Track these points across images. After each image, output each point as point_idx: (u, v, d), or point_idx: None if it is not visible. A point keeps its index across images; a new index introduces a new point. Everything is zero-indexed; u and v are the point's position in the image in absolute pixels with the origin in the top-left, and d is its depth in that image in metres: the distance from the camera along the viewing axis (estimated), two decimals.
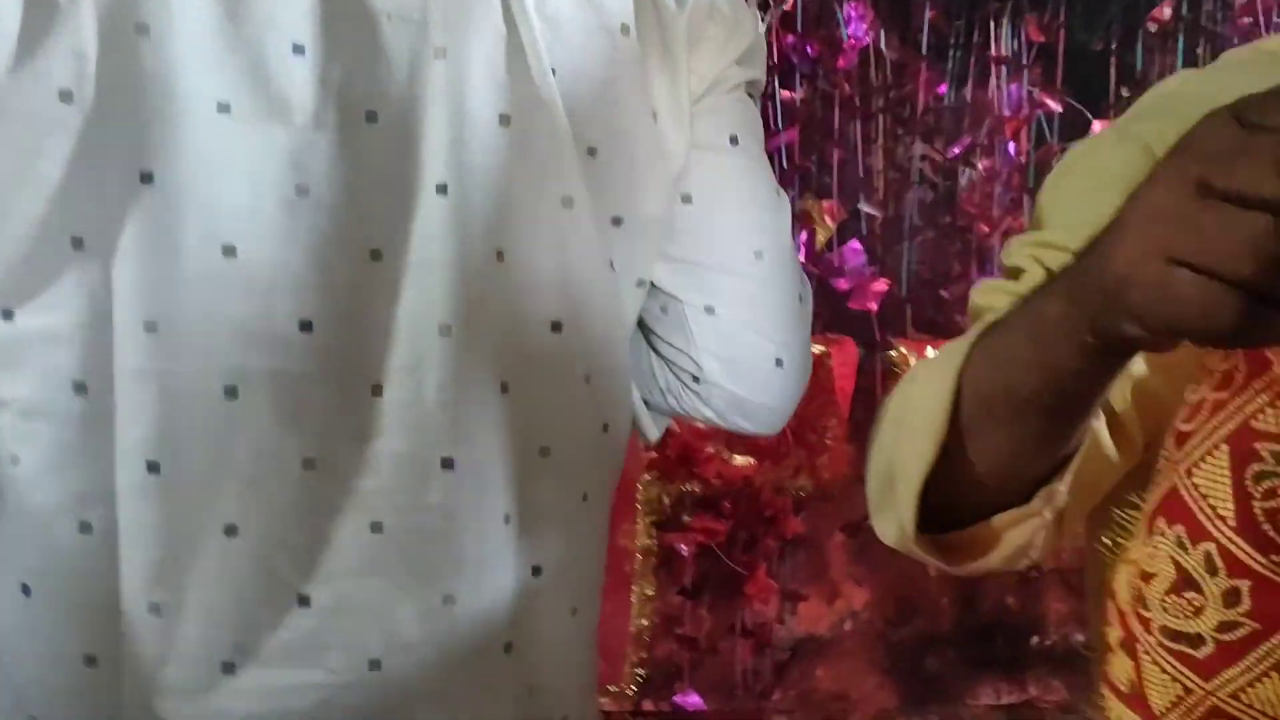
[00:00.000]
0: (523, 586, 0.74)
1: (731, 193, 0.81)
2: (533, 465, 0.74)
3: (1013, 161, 1.77)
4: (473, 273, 0.71)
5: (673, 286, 0.80)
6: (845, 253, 1.71)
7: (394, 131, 0.69)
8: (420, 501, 0.71)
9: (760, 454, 1.56)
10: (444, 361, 0.71)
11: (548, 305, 0.74)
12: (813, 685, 2.01)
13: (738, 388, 0.80)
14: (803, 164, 1.68)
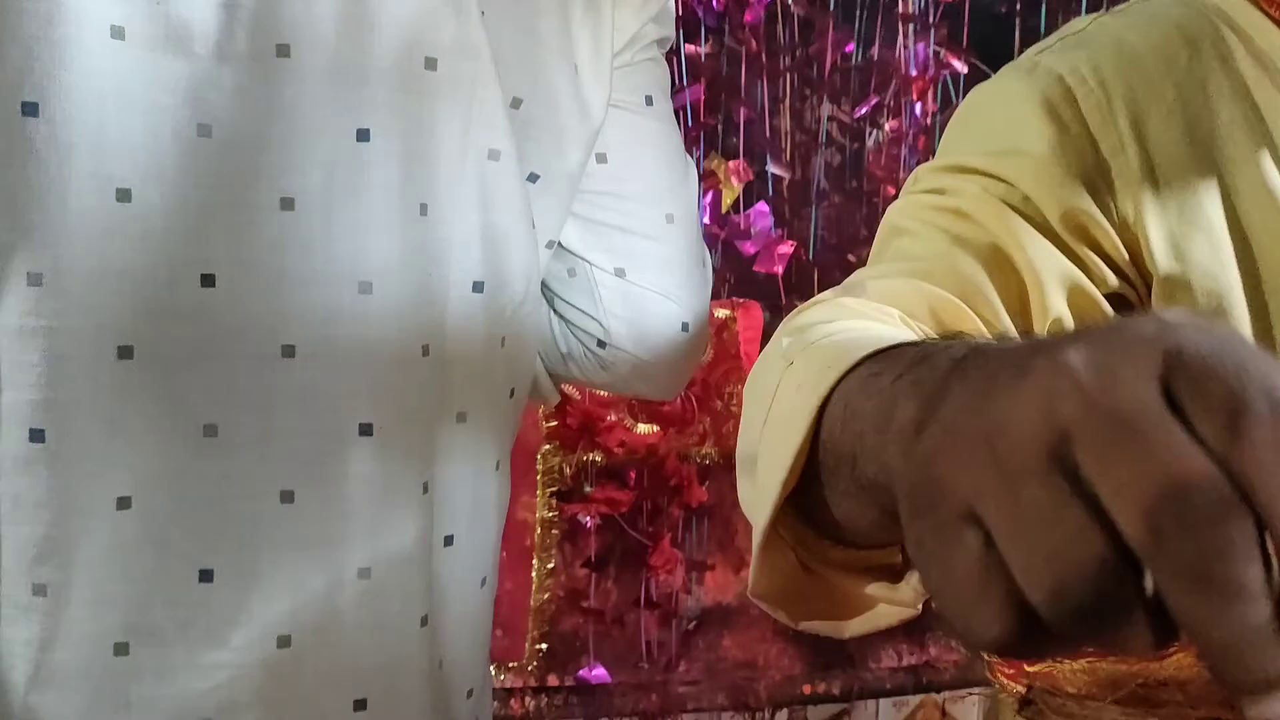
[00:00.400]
0: (438, 557, 0.71)
1: (647, 155, 0.79)
2: (450, 431, 0.71)
3: (919, 123, 1.75)
4: (393, 226, 0.66)
5: (583, 248, 0.78)
6: (753, 215, 1.67)
7: (309, 68, 0.63)
8: (335, 470, 0.66)
9: (664, 422, 1.52)
10: (360, 321, 0.66)
11: (470, 263, 0.70)
12: (719, 655, 2.00)
13: (643, 352, 0.79)
14: (708, 122, 1.63)
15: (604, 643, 1.80)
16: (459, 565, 0.73)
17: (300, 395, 0.65)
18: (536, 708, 1.63)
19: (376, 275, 0.66)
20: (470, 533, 0.74)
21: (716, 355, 1.54)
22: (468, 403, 0.71)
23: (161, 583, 0.63)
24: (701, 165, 1.62)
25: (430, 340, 0.69)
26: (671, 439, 1.54)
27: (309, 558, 0.66)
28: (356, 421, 0.66)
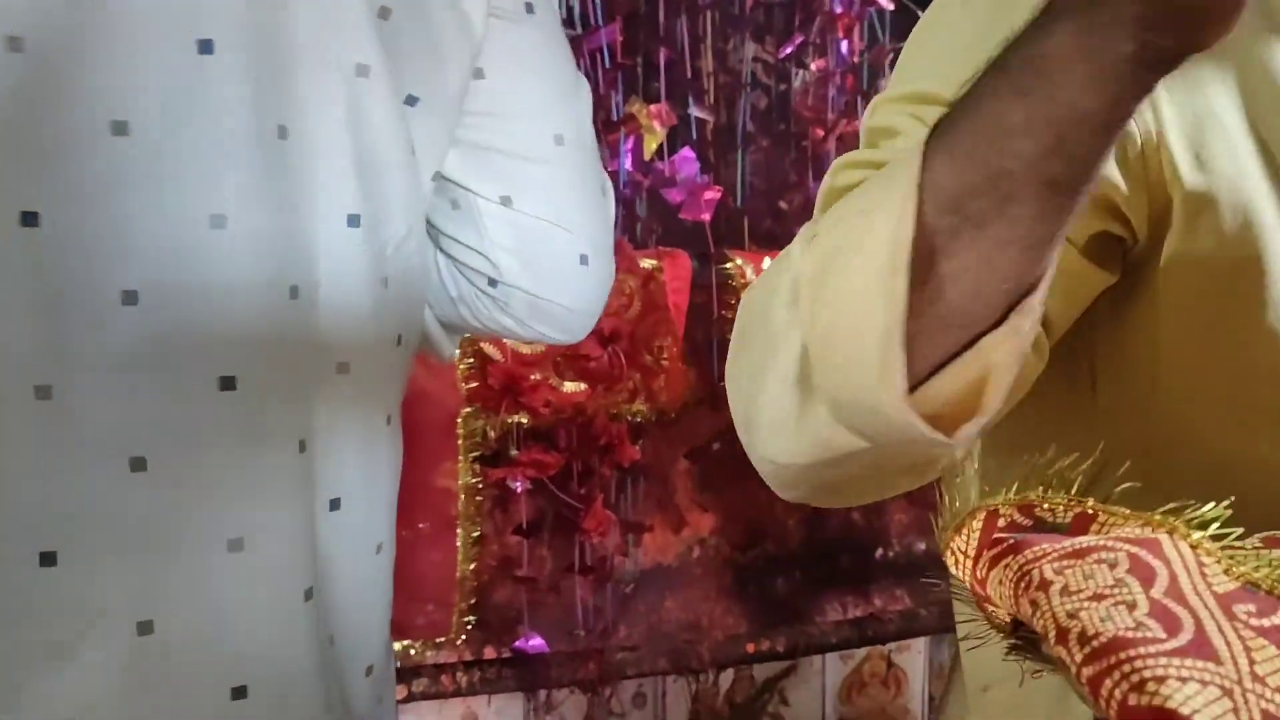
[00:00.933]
0: (323, 523, 0.64)
1: (530, 69, 0.71)
2: (329, 383, 0.63)
3: (846, 61, 1.69)
4: (247, 151, 0.58)
5: (464, 176, 0.71)
6: (677, 161, 1.59)
7: None
8: (192, 430, 0.58)
9: (592, 379, 1.45)
10: (213, 260, 0.58)
11: (343, 194, 0.62)
12: (660, 617, 1.95)
13: (538, 289, 0.72)
14: (626, 64, 1.55)
15: (539, 611, 1.74)
16: (348, 531, 0.66)
17: (147, 348, 0.57)
18: (469, 682, 1.56)
19: (230, 207, 0.58)
20: (361, 495, 0.67)
21: (644, 307, 1.47)
22: (348, 351, 0.64)
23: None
24: (621, 109, 1.55)
25: (299, 281, 0.61)
26: (600, 396, 1.47)
27: (168, 531, 0.58)
28: (216, 375, 0.58)
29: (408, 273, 0.68)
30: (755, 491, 2.00)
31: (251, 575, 0.61)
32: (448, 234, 0.73)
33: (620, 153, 1.53)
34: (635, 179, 1.56)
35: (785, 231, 1.74)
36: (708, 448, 1.92)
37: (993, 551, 0.44)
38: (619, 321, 1.44)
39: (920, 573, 2.10)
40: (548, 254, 0.72)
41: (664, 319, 1.46)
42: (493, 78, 0.69)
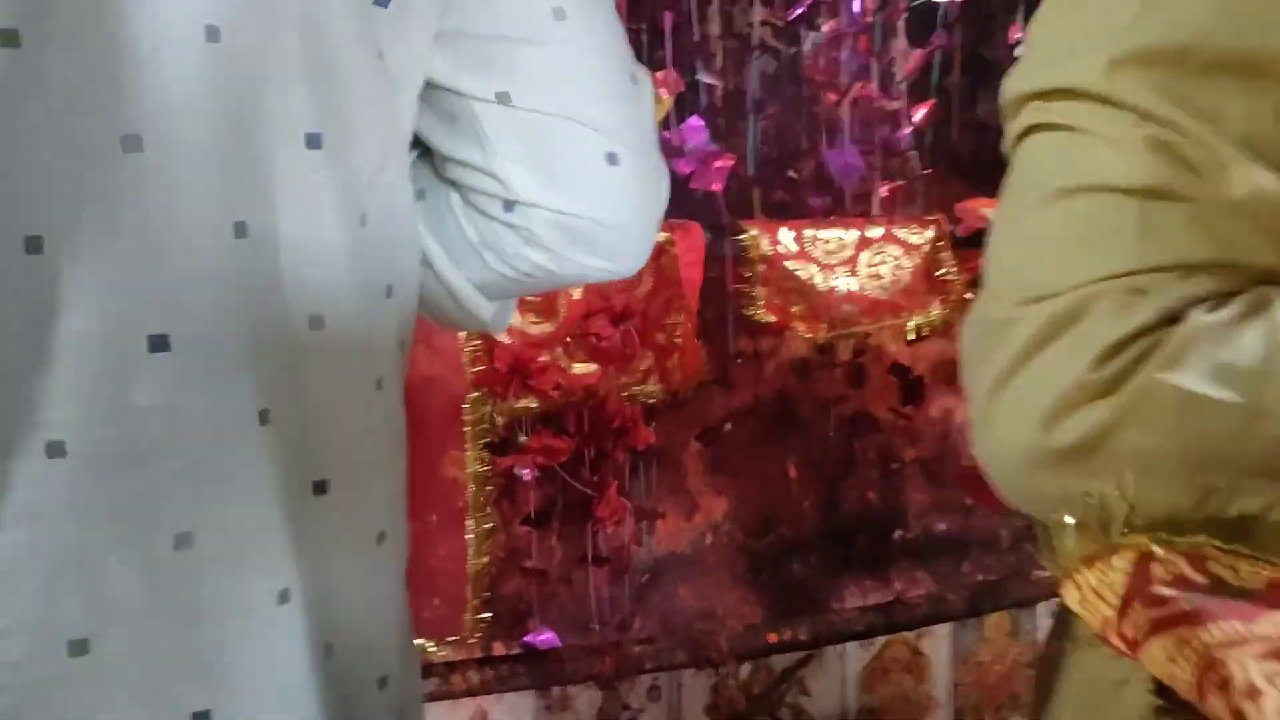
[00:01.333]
0: (300, 510, 0.53)
1: None
2: (299, 341, 0.53)
3: (859, 22, 1.61)
4: (176, 51, 0.49)
5: (452, 77, 0.59)
6: (686, 130, 1.52)
7: None
8: (117, 403, 0.49)
9: (603, 359, 1.38)
10: (131, 189, 0.48)
11: (296, 108, 0.52)
12: (675, 607, 1.89)
13: (562, 202, 0.60)
14: (631, 29, 1.47)
15: (551, 604, 1.67)
16: (339, 518, 0.56)
17: (60, 301, 0.47)
18: (481, 680, 1.49)
19: (149, 124, 0.48)
20: (350, 476, 0.56)
21: (656, 282, 1.40)
22: (320, 303, 0.54)
23: None
24: None
25: (249, 216, 0.51)
26: (612, 377, 1.40)
27: (99, 529, 0.49)
28: (144, 334, 0.49)
29: (391, 208, 0.57)
30: (768, 473, 1.94)
31: (209, 577, 0.51)
32: (451, 156, 0.61)
33: None
34: None
35: (798, 200, 1.67)
36: (719, 429, 1.85)
37: (1153, 612, 0.34)
38: (630, 298, 1.36)
39: (941, 555, 2.04)
40: (563, 156, 0.59)
41: (677, 294, 1.39)
42: None
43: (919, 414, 1.92)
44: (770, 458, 1.92)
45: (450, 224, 0.63)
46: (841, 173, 1.59)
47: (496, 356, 1.33)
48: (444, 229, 0.63)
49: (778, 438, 1.92)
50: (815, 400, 1.84)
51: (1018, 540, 2.08)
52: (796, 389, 1.87)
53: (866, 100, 1.63)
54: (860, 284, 1.49)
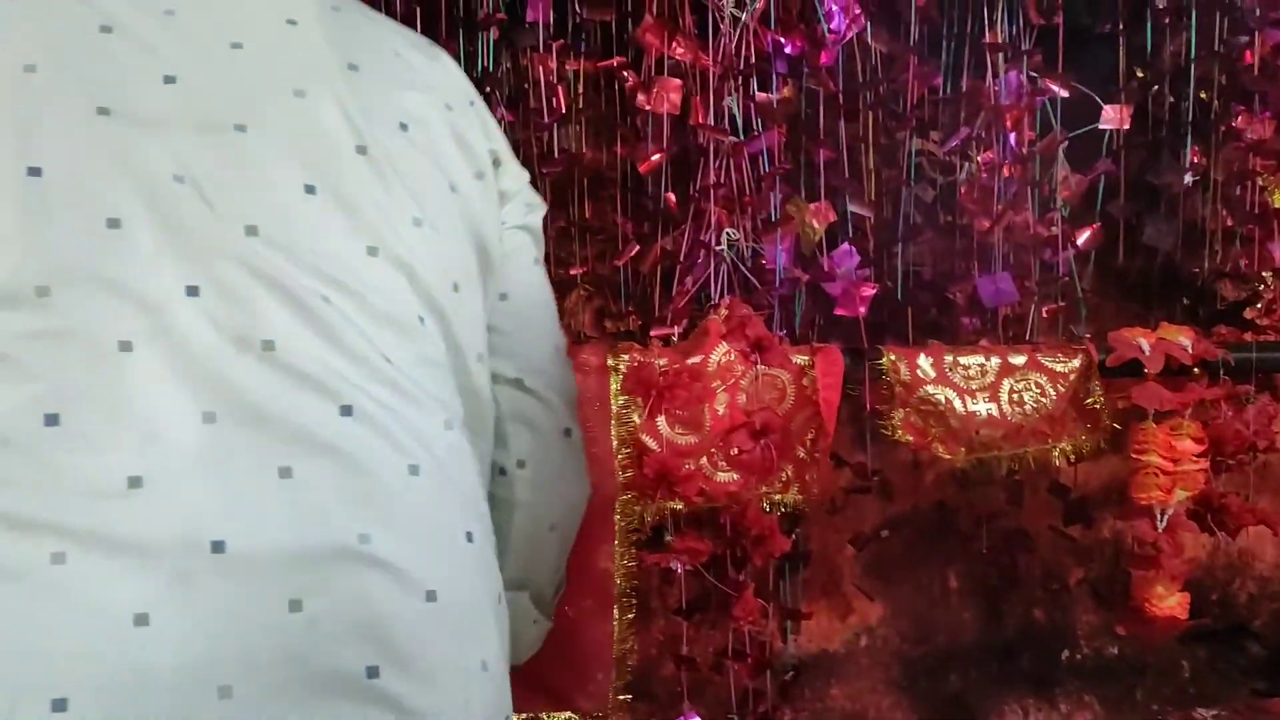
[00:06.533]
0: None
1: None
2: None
3: (1014, 152, 1.67)
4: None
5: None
6: (836, 256, 1.63)
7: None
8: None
9: (744, 470, 1.50)
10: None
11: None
12: (826, 705, 1.94)
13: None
14: (786, 165, 1.61)
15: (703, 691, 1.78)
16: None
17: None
18: None
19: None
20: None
21: (797, 401, 1.51)
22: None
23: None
24: (779, 209, 1.61)
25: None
26: (752, 487, 1.51)
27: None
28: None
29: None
30: (926, 581, 1.97)
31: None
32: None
33: (777, 251, 1.59)
34: (793, 275, 1.61)
35: (952, 322, 1.73)
36: (874, 536, 1.91)
37: None
38: (770, 415, 1.48)
39: (1113, 679, 1.98)
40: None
41: (815, 414, 1.49)
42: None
43: (1086, 535, 1.90)
44: (928, 566, 1.95)
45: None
46: (993, 299, 1.64)
47: (645, 463, 1.47)
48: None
49: (935, 547, 1.95)
50: (973, 513, 1.87)
51: (1199, 671, 1.98)
52: (955, 500, 1.90)
53: (1022, 227, 1.68)
54: (1001, 409, 1.53)
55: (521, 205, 0.91)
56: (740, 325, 1.49)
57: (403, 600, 0.66)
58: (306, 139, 0.73)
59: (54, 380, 0.61)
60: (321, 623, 0.63)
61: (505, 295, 0.88)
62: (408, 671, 0.65)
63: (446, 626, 0.68)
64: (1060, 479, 1.75)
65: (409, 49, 0.85)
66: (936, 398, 1.52)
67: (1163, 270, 1.76)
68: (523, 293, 0.90)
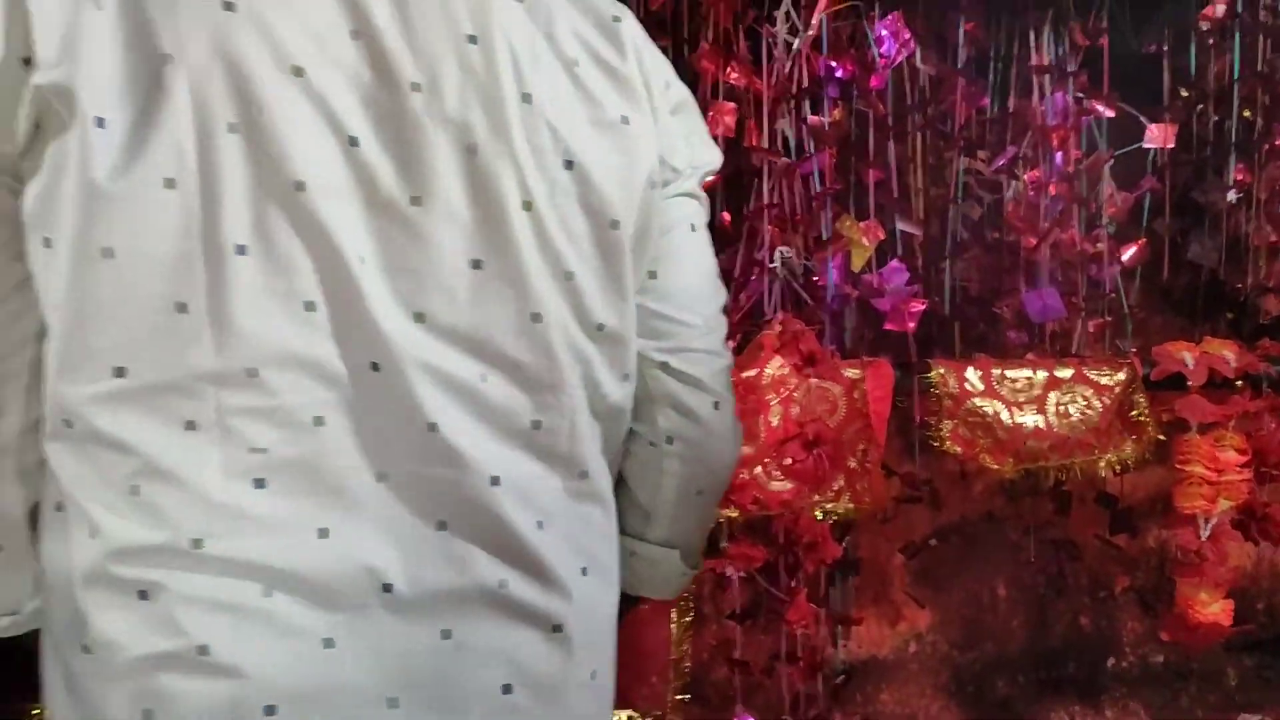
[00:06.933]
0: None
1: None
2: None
3: (1060, 171, 1.72)
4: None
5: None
6: (886, 273, 1.69)
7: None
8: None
9: (797, 479, 1.56)
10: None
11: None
12: (876, 709, 1.99)
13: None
14: (837, 185, 1.67)
15: (756, 694, 1.84)
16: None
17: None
18: None
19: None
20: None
21: (848, 413, 1.56)
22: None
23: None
24: (830, 228, 1.67)
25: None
26: (805, 496, 1.57)
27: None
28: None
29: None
30: (975, 589, 2.01)
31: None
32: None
33: (829, 268, 1.65)
34: (844, 291, 1.67)
35: (999, 336, 1.78)
36: (923, 545, 1.96)
37: None
38: (821, 427, 1.54)
39: (1159, 687, 2.01)
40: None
41: (866, 425, 1.55)
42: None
43: (1132, 544, 1.93)
44: (976, 575, 2.00)
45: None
46: (1039, 314, 1.69)
47: None
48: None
49: (983, 556, 1.99)
50: (1021, 522, 1.91)
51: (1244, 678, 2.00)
52: (1003, 510, 1.94)
53: (1068, 244, 1.72)
54: (1048, 421, 1.57)
55: (685, 178, 0.90)
56: (793, 340, 1.55)
57: (531, 632, 0.79)
58: (478, 204, 0.76)
59: (263, 450, 0.72)
60: (467, 649, 0.76)
61: (653, 274, 0.88)
62: (535, 689, 0.80)
63: (566, 649, 0.82)
64: (1107, 489, 1.78)
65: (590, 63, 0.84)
66: (984, 410, 1.57)
67: (1207, 286, 1.80)
68: (671, 269, 0.90)
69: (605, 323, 0.83)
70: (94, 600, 0.71)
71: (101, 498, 0.71)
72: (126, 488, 0.71)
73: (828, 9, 1.60)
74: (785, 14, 1.61)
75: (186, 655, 0.70)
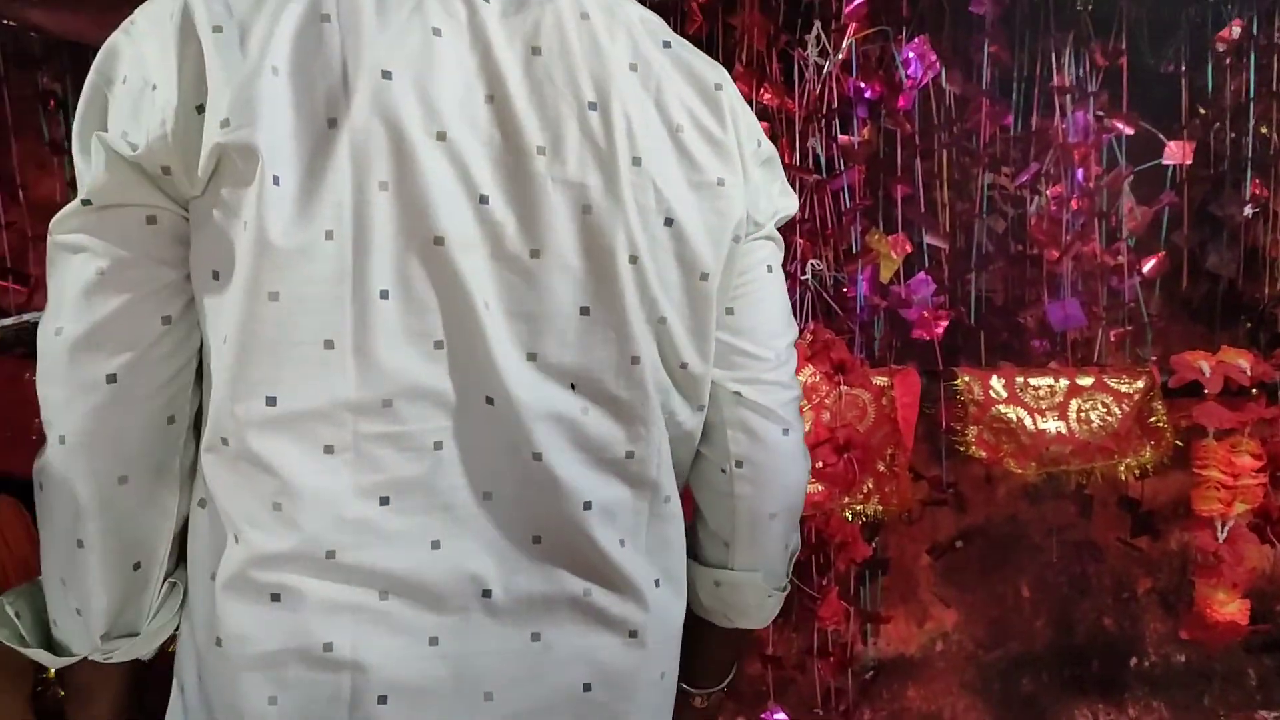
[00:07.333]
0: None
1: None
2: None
3: (1081, 187, 1.79)
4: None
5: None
6: (913, 285, 1.76)
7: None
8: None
9: (828, 481, 1.63)
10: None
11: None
12: (903, 705, 2.05)
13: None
14: (866, 201, 1.75)
15: (787, 689, 1.91)
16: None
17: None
18: None
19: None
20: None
21: (877, 419, 1.64)
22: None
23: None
24: (859, 242, 1.74)
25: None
26: (836, 498, 1.64)
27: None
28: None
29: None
30: (1000, 590, 2.07)
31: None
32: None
33: (858, 280, 1.73)
34: (873, 302, 1.74)
35: (1023, 344, 1.85)
36: (950, 546, 2.02)
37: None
38: (852, 432, 1.61)
39: (1182, 686, 2.06)
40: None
41: (893, 430, 1.62)
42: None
43: (1154, 547, 1.99)
44: (1001, 575, 2.06)
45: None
46: (1061, 324, 1.75)
47: None
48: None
49: (1008, 557, 2.05)
50: (1044, 525, 1.97)
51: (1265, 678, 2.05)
52: (1027, 513, 2.01)
53: (1090, 256, 1.79)
54: (1069, 427, 1.64)
55: (765, 226, 0.96)
56: (824, 349, 1.63)
57: (611, 637, 0.88)
58: (589, 257, 0.83)
59: (390, 472, 0.80)
60: (554, 649, 0.85)
61: (731, 310, 0.94)
62: (612, 688, 0.88)
63: (641, 653, 0.90)
64: (1128, 493, 1.84)
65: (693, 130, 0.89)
66: (1008, 416, 1.64)
67: (1225, 296, 1.86)
68: (747, 308, 0.95)
69: (689, 362, 0.89)
70: (231, 600, 0.79)
71: (247, 509, 0.79)
72: (270, 504, 0.78)
73: (857, 33, 1.68)
74: (816, 38, 1.69)
75: (313, 651, 0.78)
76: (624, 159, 0.83)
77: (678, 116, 0.87)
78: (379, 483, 0.80)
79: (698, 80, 0.89)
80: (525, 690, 0.84)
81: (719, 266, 0.89)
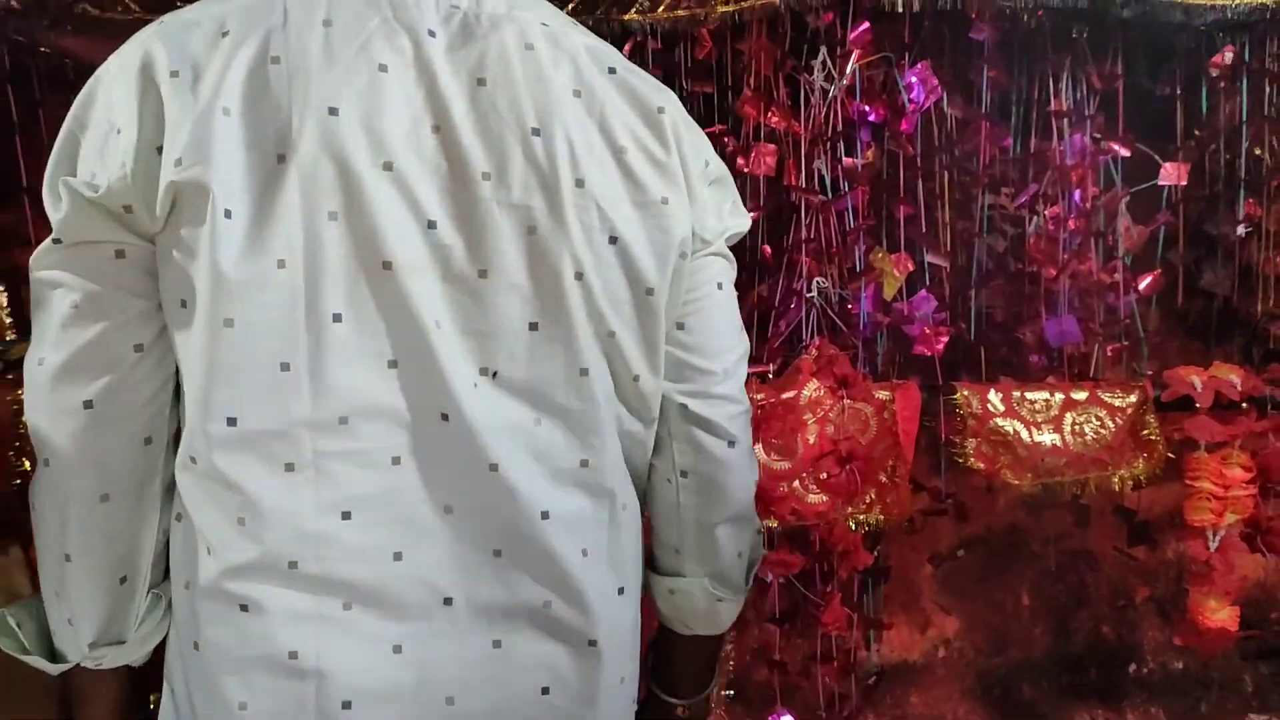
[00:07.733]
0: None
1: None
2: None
3: (1078, 207, 1.84)
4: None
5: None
6: (915, 301, 1.81)
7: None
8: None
9: (831, 492, 1.68)
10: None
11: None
12: (906, 711, 2.10)
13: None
14: (870, 221, 1.80)
15: (794, 694, 1.96)
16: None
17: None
18: None
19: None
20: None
21: (878, 432, 1.69)
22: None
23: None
24: (863, 261, 1.80)
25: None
26: (839, 508, 1.70)
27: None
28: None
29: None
30: (1000, 597, 2.12)
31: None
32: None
33: (862, 297, 1.78)
34: (876, 319, 1.80)
35: (1021, 360, 1.90)
36: (951, 555, 2.07)
37: None
38: (854, 444, 1.67)
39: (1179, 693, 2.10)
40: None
41: (895, 444, 1.68)
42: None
43: (1151, 556, 2.04)
44: (1001, 584, 2.11)
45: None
46: (1058, 340, 1.81)
47: None
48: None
49: (1007, 566, 2.10)
50: (1043, 534, 2.02)
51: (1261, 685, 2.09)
52: (1025, 523, 2.06)
53: (1086, 274, 1.84)
54: (1064, 439, 1.69)
55: (713, 244, 0.99)
56: (829, 363, 1.68)
57: (570, 648, 0.92)
58: (536, 276, 0.86)
59: (350, 488, 0.84)
60: (514, 656, 0.89)
61: (681, 325, 0.97)
62: (570, 693, 0.92)
63: (601, 660, 0.93)
64: (1124, 504, 1.89)
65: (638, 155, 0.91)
66: (1005, 429, 1.70)
67: (1220, 312, 1.91)
68: (697, 323, 0.98)
69: (640, 374, 0.93)
70: (206, 608, 0.84)
71: (215, 524, 0.83)
72: (235, 519, 0.83)
73: (861, 59, 1.74)
74: (822, 63, 1.75)
75: (278, 658, 0.82)
76: (566, 181, 0.86)
77: (622, 139, 0.90)
78: (339, 498, 0.83)
79: (641, 104, 0.92)
80: (485, 694, 0.88)
81: (665, 283, 0.92)
